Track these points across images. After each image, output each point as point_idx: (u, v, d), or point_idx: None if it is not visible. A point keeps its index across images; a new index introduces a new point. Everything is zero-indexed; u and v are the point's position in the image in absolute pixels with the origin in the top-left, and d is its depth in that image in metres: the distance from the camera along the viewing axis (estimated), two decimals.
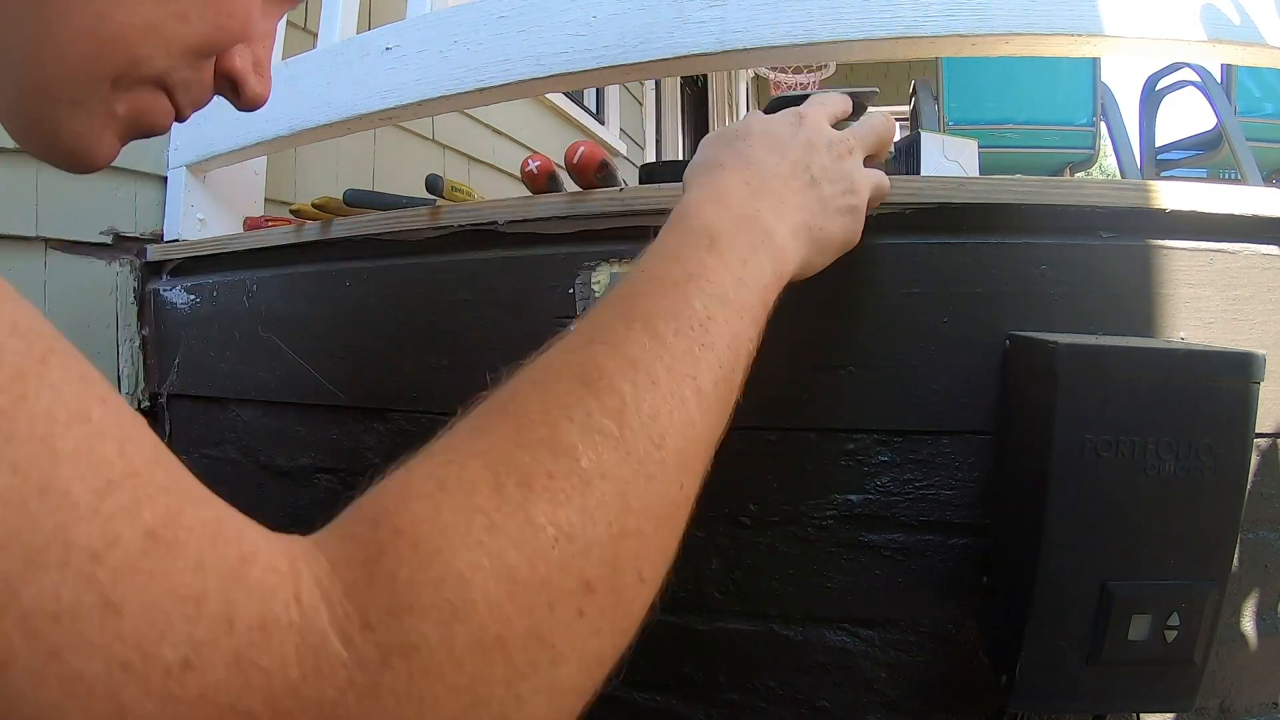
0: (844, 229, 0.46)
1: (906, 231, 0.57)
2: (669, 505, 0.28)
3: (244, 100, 0.37)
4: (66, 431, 0.16)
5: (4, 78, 0.30)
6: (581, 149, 0.61)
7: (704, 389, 0.31)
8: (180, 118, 0.35)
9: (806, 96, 0.64)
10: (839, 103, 0.51)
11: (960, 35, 0.59)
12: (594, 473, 0.25)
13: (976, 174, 0.87)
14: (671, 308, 0.31)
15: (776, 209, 0.41)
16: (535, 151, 0.77)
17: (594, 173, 0.61)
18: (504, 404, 0.27)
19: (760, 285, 0.37)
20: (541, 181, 0.65)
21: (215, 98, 0.37)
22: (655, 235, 0.38)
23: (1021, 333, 0.54)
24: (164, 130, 0.35)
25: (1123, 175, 2.34)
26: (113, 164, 0.35)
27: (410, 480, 0.24)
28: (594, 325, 0.31)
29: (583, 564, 0.23)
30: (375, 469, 0.24)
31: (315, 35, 0.95)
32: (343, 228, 0.76)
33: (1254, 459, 0.53)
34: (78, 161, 0.33)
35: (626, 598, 0.25)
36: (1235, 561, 0.48)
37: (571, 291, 0.63)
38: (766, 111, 0.55)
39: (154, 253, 0.94)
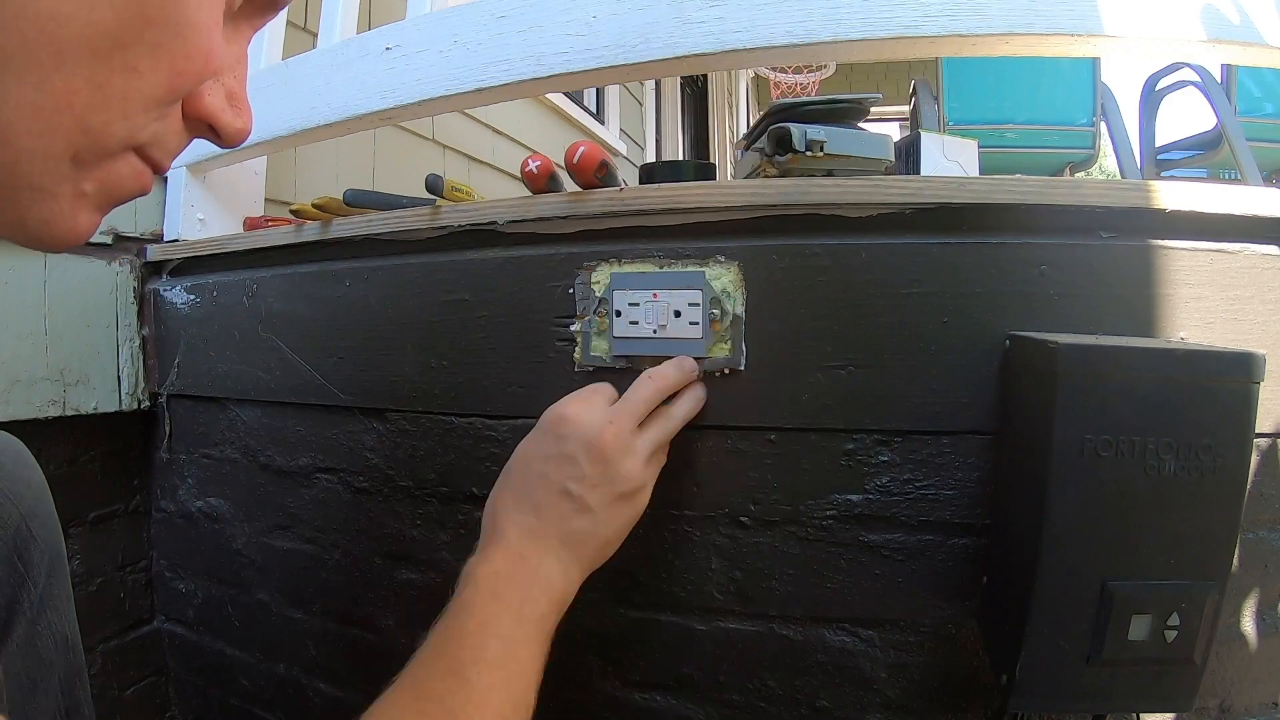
0: (622, 518, 0.53)
1: (906, 231, 0.57)
2: None
3: (224, 139, 0.34)
4: None
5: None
6: (581, 149, 0.61)
7: (506, 709, 0.43)
8: (159, 171, 0.32)
9: (807, 103, 0.65)
10: (607, 391, 0.58)
11: (960, 35, 0.59)
12: None
13: (976, 174, 0.87)
14: (472, 655, 0.43)
15: (542, 546, 0.51)
16: (535, 151, 0.77)
17: (594, 173, 0.61)
18: None
19: (537, 616, 0.48)
20: (541, 181, 0.65)
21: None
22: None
23: (1021, 333, 0.54)
24: (146, 191, 0.32)
25: (1123, 175, 2.34)
26: None
27: None
28: (415, 682, 0.42)
29: None
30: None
31: (315, 35, 0.94)
32: (343, 228, 0.76)
33: (1254, 459, 0.53)
34: (54, 245, 0.31)
35: None
36: (1235, 561, 0.48)
37: (571, 291, 0.63)
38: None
39: (154, 253, 0.94)
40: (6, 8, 0.25)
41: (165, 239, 0.98)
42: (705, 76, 4.88)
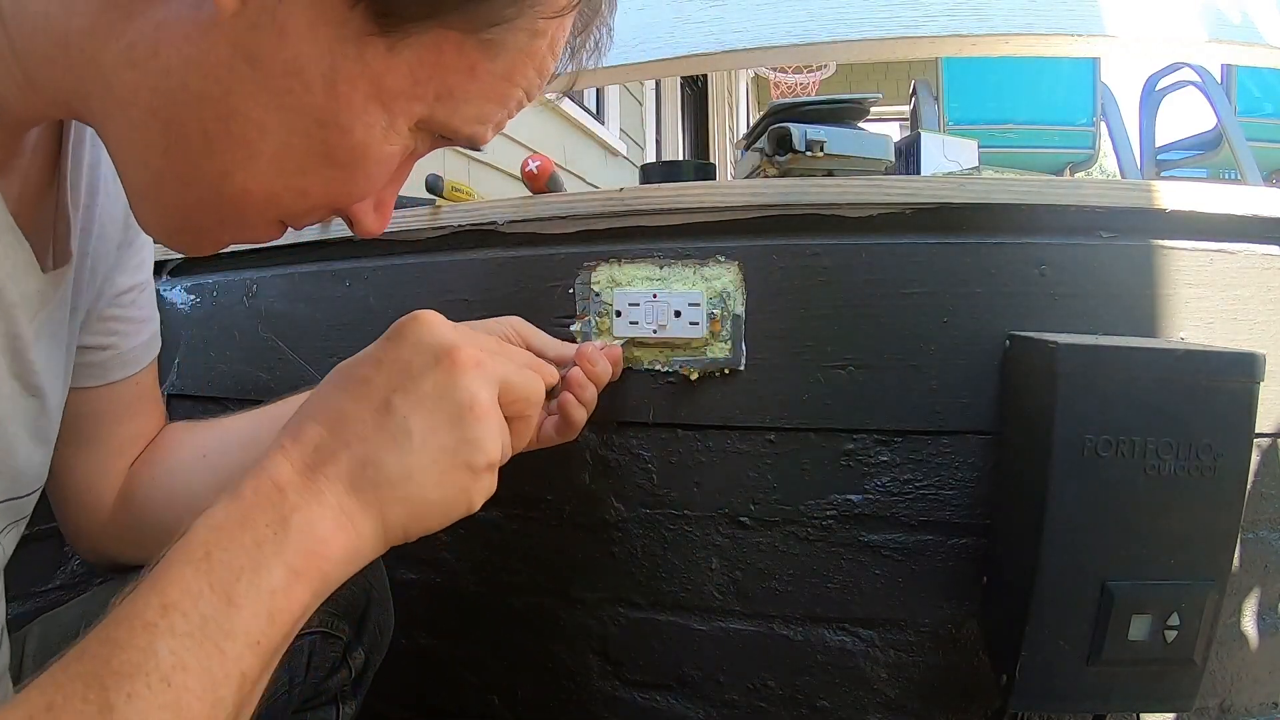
0: (454, 479, 0.36)
1: (906, 231, 0.57)
2: None
3: (356, 232, 0.40)
4: None
5: (174, 197, 0.35)
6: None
7: None
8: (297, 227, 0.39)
9: (807, 102, 0.65)
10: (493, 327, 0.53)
11: (961, 35, 0.59)
12: None
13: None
14: (133, 660, 0.28)
15: (319, 481, 0.34)
16: (535, 151, 0.77)
17: (544, 182, 0.65)
18: None
19: (267, 591, 0.31)
20: (541, 181, 0.65)
21: None
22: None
23: (1021, 333, 0.54)
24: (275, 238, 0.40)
25: (1123, 175, 2.34)
26: None
27: None
28: (47, 690, 0.27)
29: None
30: None
31: None
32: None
33: (1254, 459, 0.53)
34: (198, 251, 0.40)
35: None
36: (1235, 561, 0.48)
37: (571, 291, 0.63)
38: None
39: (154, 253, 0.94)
40: (234, 118, 0.32)
41: None
42: (705, 76, 4.88)
